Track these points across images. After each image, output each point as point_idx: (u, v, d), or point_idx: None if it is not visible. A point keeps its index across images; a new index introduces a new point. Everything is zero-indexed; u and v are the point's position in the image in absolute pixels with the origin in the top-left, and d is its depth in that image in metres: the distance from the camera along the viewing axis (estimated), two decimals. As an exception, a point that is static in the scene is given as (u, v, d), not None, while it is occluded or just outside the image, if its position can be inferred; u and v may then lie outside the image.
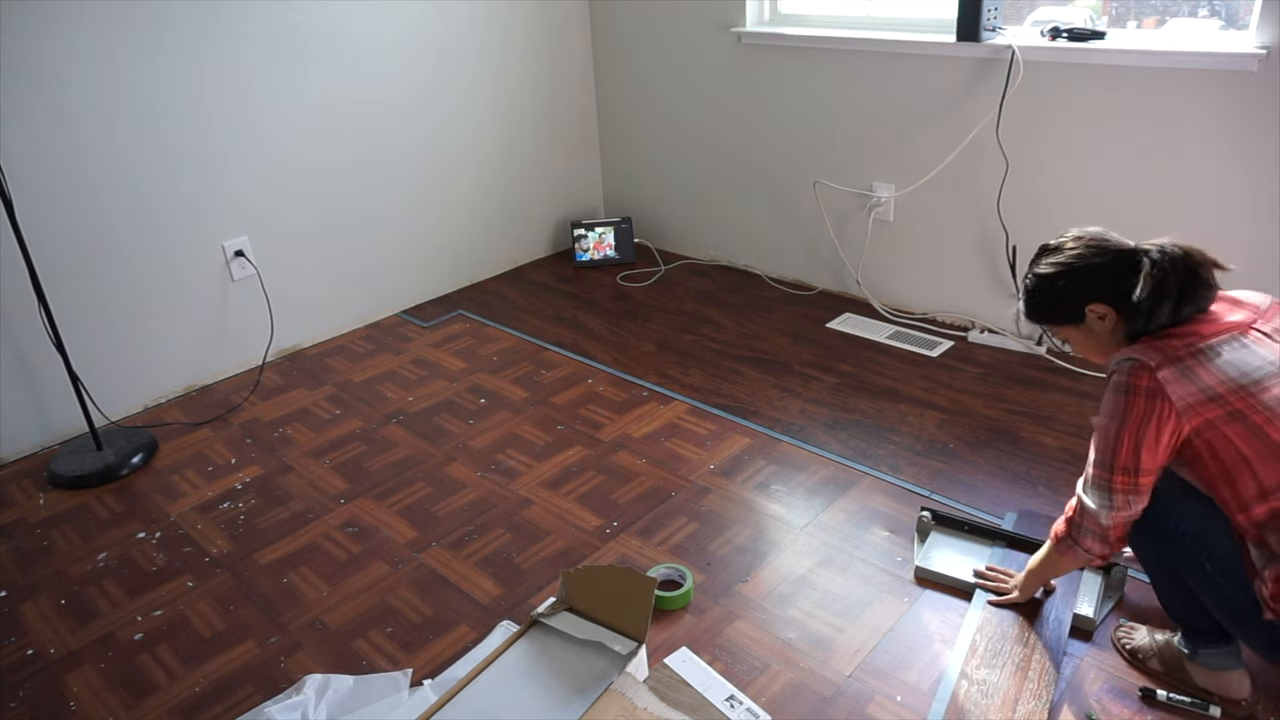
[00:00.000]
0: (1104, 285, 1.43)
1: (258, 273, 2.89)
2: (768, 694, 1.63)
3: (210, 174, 2.71)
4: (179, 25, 2.52)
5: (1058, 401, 2.49)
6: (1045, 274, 1.49)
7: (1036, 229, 2.68)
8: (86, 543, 2.17)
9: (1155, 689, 1.56)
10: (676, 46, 3.36)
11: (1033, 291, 1.52)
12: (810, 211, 3.22)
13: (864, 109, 2.95)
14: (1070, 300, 1.47)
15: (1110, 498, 1.44)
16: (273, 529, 2.17)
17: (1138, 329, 1.42)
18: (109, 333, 2.62)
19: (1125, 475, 1.41)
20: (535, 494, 2.24)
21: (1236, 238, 2.33)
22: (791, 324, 3.06)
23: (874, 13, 2.92)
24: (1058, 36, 2.47)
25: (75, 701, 1.72)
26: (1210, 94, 2.27)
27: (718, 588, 1.89)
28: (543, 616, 1.72)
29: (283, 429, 2.60)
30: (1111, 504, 1.44)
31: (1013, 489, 2.15)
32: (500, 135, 3.45)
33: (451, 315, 3.29)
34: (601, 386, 2.72)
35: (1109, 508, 1.44)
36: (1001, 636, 1.70)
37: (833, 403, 2.56)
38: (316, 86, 2.87)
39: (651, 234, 3.81)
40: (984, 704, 1.57)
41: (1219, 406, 1.33)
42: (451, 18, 3.15)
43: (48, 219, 2.42)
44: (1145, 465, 1.39)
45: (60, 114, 2.38)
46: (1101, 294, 1.44)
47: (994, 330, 2.87)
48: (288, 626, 1.87)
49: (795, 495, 2.18)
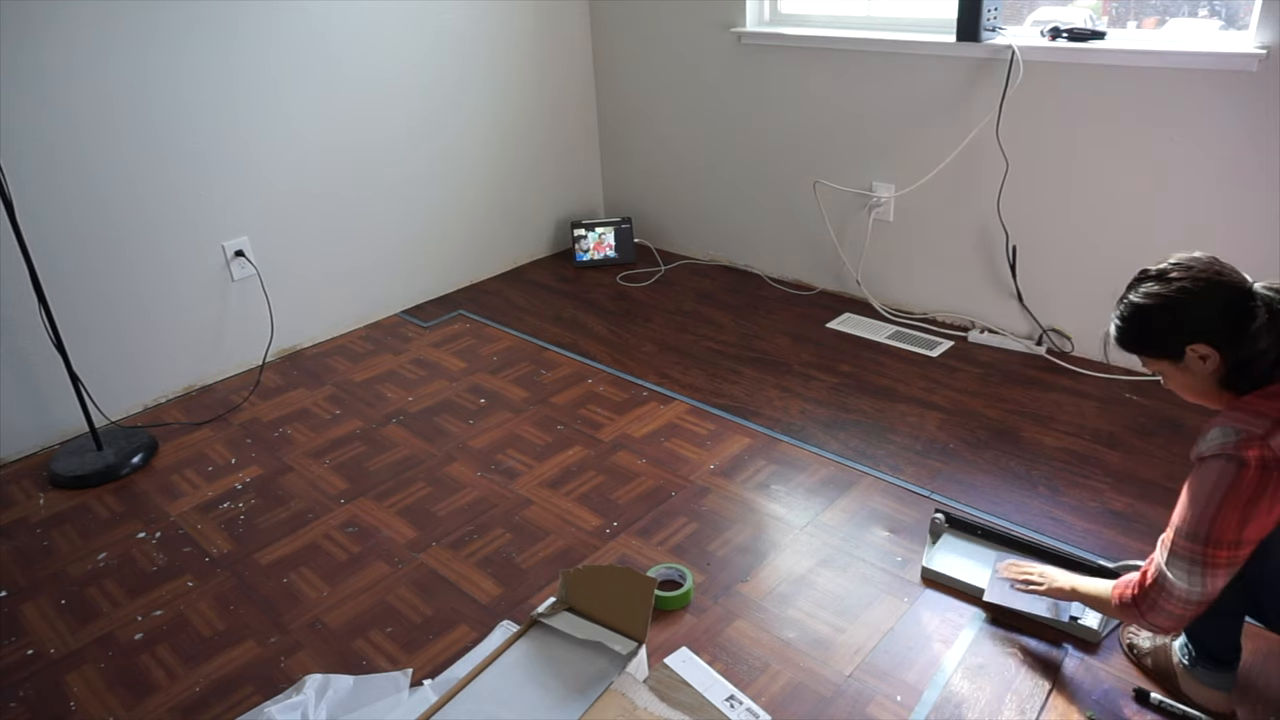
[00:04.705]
0: (1212, 326, 1.30)
1: (258, 273, 2.89)
2: (768, 694, 1.63)
3: (211, 174, 2.71)
4: (180, 25, 2.52)
5: (1058, 401, 2.49)
6: (1144, 305, 1.35)
7: (1036, 229, 2.68)
8: (87, 543, 2.17)
9: (1150, 691, 1.56)
10: (676, 46, 3.36)
11: (1127, 320, 1.38)
12: (810, 211, 3.22)
13: (864, 109, 2.95)
14: (1171, 337, 1.34)
15: (1204, 574, 1.31)
16: (273, 529, 2.17)
17: (1240, 377, 1.32)
18: (109, 333, 2.62)
19: (1229, 549, 1.29)
20: (535, 494, 2.24)
21: (1237, 238, 2.33)
22: (791, 324, 3.06)
23: (874, 13, 2.92)
24: (1058, 36, 2.47)
25: (75, 701, 1.72)
26: (1210, 94, 2.27)
27: (718, 588, 1.89)
28: (543, 616, 1.72)
29: (283, 429, 2.60)
30: (1204, 582, 1.32)
31: (1013, 489, 2.14)
32: (500, 135, 3.45)
33: (451, 315, 3.29)
34: (601, 386, 2.73)
35: (1200, 587, 1.32)
36: (1001, 636, 1.70)
37: (833, 403, 2.56)
38: (317, 87, 2.87)
39: (651, 234, 3.81)
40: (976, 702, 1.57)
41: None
42: (452, 19, 3.15)
43: (48, 219, 2.42)
44: (1249, 537, 1.28)
45: (61, 114, 2.38)
46: (1207, 335, 1.30)
47: (994, 330, 2.87)
48: (288, 626, 1.87)
49: (795, 495, 2.18)
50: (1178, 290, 1.32)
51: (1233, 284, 1.31)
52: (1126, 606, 1.43)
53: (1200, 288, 1.31)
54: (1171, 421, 2.36)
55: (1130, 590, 1.43)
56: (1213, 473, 1.29)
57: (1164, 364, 1.38)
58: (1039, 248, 2.69)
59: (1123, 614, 1.45)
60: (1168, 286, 1.33)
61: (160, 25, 2.49)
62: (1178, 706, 1.53)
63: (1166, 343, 1.35)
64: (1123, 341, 1.41)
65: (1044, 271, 2.71)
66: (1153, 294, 1.34)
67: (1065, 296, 2.70)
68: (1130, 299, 1.38)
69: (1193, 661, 1.53)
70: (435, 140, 3.25)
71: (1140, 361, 1.43)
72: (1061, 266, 2.67)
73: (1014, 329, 2.84)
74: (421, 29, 3.09)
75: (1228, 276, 1.32)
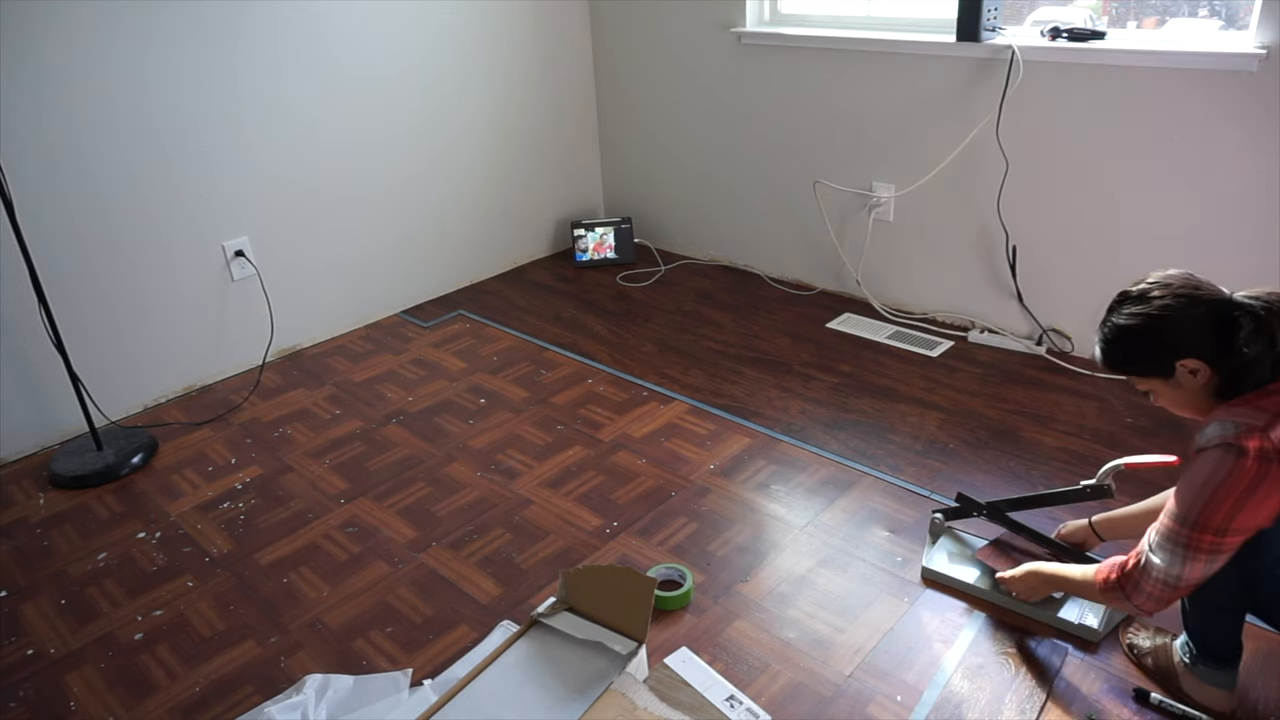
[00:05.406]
0: (1198, 340, 1.32)
1: (258, 273, 2.89)
2: (768, 694, 1.63)
3: (211, 174, 2.71)
4: (181, 25, 2.52)
5: (1058, 401, 2.49)
6: (1128, 325, 1.37)
7: (1036, 229, 2.68)
8: (86, 543, 2.17)
9: (1150, 691, 1.56)
10: (676, 46, 3.36)
11: (1112, 342, 1.40)
12: (810, 211, 3.22)
13: (864, 109, 2.95)
14: (1159, 355, 1.35)
15: (1185, 556, 1.33)
16: (273, 529, 2.17)
17: (1233, 385, 1.33)
18: (109, 333, 2.62)
19: (1214, 535, 1.30)
20: (535, 494, 2.24)
21: (1237, 238, 2.33)
22: (791, 324, 3.06)
23: (874, 13, 2.92)
24: (1058, 36, 2.47)
25: (75, 701, 1.72)
26: (1210, 94, 2.27)
27: (718, 588, 1.89)
28: (543, 616, 1.72)
29: (283, 429, 2.60)
30: (1183, 565, 1.33)
31: (1013, 489, 2.14)
32: (500, 135, 3.45)
33: (451, 315, 3.29)
34: (601, 386, 2.73)
35: (1179, 569, 1.34)
36: (1001, 636, 1.70)
37: (833, 403, 2.56)
38: (318, 86, 2.87)
39: (651, 234, 3.81)
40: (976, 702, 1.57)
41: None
42: (452, 19, 3.15)
43: (48, 219, 2.42)
44: (1239, 526, 1.29)
45: (61, 113, 2.38)
46: (1195, 349, 1.32)
47: (994, 330, 2.87)
48: (288, 626, 1.87)
49: (795, 495, 2.18)
50: (1161, 309, 1.34)
51: (1213, 297, 1.33)
52: (1110, 587, 1.46)
53: (1183, 304, 1.33)
54: (1171, 422, 2.36)
55: (1114, 572, 1.46)
56: (1211, 461, 1.30)
57: (1154, 382, 1.40)
58: (1039, 248, 2.69)
59: (1107, 595, 1.47)
60: (1150, 306, 1.35)
61: (161, 26, 2.49)
62: (1178, 706, 1.53)
63: (1156, 361, 1.37)
64: (1110, 363, 1.42)
65: (1044, 271, 2.71)
66: (1137, 314, 1.36)
67: (1065, 296, 2.70)
68: (1114, 321, 1.40)
69: (1194, 659, 1.53)
70: (435, 140, 3.25)
71: (1129, 381, 1.44)
72: (1061, 266, 2.67)
73: (1014, 329, 2.84)
74: (421, 29, 3.09)
75: (1206, 290, 1.34)
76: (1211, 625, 1.49)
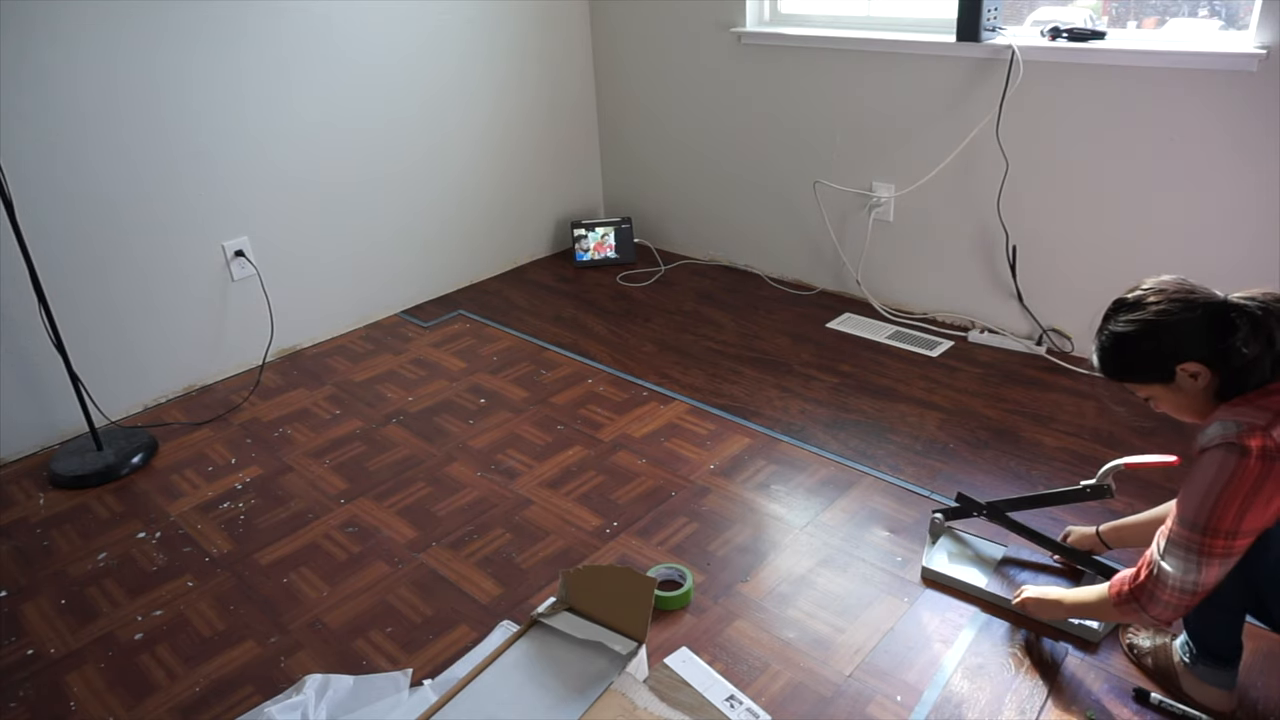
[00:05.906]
0: (1197, 343, 1.32)
1: (258, 273, 2.89)
2: (768, 694, 1.63)
3: (211, 174, 2.71)
4: (181, 25, 2.52)
5: (1058, 401, 2.49)
6: (1127, 333, 1.37)
7: (1036, 229, 2.68)
8: (86, 543, 2.17)
9: (1150, 691, 1.56)
10: (676, 46, 3.36)
11: (1110, 350, 1.40)
12: (810, 211, 3.22)
13: (864, 109, 2.95)
14: (1159, 360, 1.35)
15: (1199, 563, 1.32)
16: (273, 529, 2.17)
17: (1234, 387, 1.33)
18: (109, 333, 2.62)
19: (1225, 539, 1.30)
20: (535, 494, 2.24)
21: (1237, 238, 2.33)
22: (791, 324, 3.06)
23: (874, 13, 2.92)
24: (1058, 36, 2.47)
25: (75, 701, 1.72)
26: (1210, 94, 2.27)
27: (718, 588, 1.89)
28: (543, 616, 1.72)
29: (283, 429, 2.60)
30: (1199, 571, 1.32)
31: (1013, 489, 2.14)
32: (500, 135, 3.46)
33: (451, 315, 3.29)
34: (601, 386, 2.73)
35: (1196, 575, 1.33)
36: (1001, 636, 1.70)
37: (833, 403, 2.56)
38: (317, 87, 2.87)
39: (651, 234, 3.81)
40: (976, 702, 1.57)
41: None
42: (451, 19, 3.15)
43: (48, 219, 2.42)
44: (1247, 528, 1.29)
45: (61, 114, 2.38)
46: (1194, 353, 1.32)
47: (994, 330, 2.87)
48: (288, 626, 1.87)
49: (795, 495, 2.18)
50: (1158, 313, 1.34)
51: (1209, 300, 1.33)
52: (1125, 601, 1.43)
53: (1179, 307, 1.33)
54: (1171, 421, 2.35)
55: (1127, 585, 1.43)
56: (1214, 462, 1.30)
57: (1155, 387, 1.40)
58: (1039, 248, 2.69)
59: (1122, 611, 1.45)
60: (1147, 311, 1.35)
61: (162, 26, 2.49)
62: (1178, 706, 1.53)
63: (1156, 366, 1.36)
64: (1109, 371, 1.42)
65: (1044, 271, 2.71)
66: (1134, 321, 1.36)
67: (1065, 296, 2.70)
68: (1111, 329, 1.39)
69: (1194, 659, 1.53)
70: (436, 140, 3.25)
71: (1128, 389, 1.44)
72: (1061, 266, 2.67)
73: (1014, 329, 2.84)
74: (422, 30, 3.09)
75: (1201, 294, 1.34)
76: (1212, 625, 1.49)
